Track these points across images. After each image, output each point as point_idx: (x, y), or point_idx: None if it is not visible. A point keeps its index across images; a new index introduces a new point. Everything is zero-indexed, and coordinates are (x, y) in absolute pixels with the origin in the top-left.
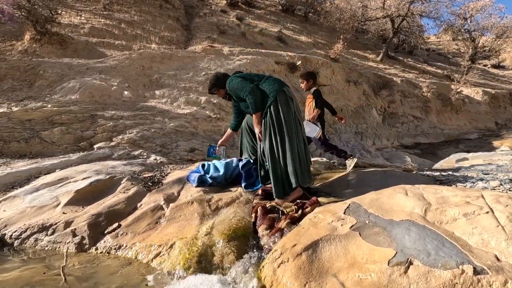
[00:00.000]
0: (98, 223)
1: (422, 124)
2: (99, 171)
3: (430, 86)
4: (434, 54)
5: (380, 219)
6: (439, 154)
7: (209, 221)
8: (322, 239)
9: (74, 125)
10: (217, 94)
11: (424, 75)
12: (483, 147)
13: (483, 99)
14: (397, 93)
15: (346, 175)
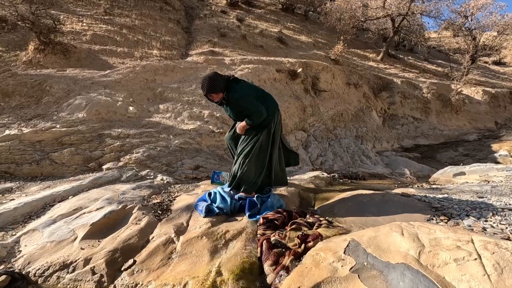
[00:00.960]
0: (115, 259)
1: (422, 126)
2: (111, 199)
3: (430, 87)
4: (434, 51)
5: (377, 260)
6: (438, 157)
7: (218, 258)
8: (324, 281)
9: (83, 146)
10: (212, 97)
11: (425, 74)
12: (482, 151)
13: (483, 99)
14: (397, 95)
15: (346, 198)
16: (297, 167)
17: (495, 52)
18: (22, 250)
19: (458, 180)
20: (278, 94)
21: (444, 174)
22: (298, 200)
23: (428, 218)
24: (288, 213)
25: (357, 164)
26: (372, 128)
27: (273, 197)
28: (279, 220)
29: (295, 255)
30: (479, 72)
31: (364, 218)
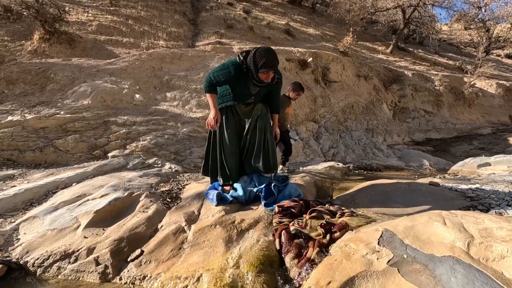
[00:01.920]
0: (120, 249)
1: (433, 119)
2: (116, 186)
3: (442, 80)
4: (445, 44)
5: (419, 253)
6: (452, 151)
7: (235, 248)
8: (358, 275)
9: (88, 133)
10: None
11: (436, 67)
12: (498, 144)
13: (497, 92)
14: (408, 87)
15: (367, 187)
16: (309, 158)
17: (510, 44)
18: (20, 238)
19: (484, 171)
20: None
21: (467, 165)
22: (314, 190)
23: (464, 208)
24: (305, 202)
25: (370, 156)
26: (382, 121)
27: (291, 186)
28: (296, 208)
29: (321, 247)
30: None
31: (390, 209)
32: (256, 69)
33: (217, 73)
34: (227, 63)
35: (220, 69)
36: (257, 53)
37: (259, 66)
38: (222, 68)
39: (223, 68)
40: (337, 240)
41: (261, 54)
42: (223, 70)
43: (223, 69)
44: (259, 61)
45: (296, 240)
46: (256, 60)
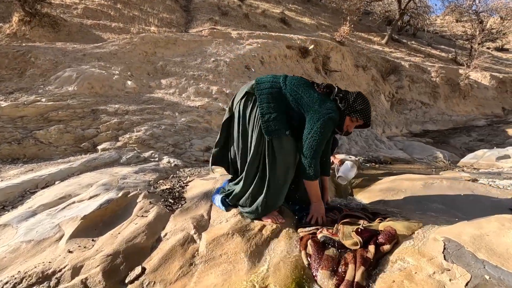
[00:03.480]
0: (116, 267)
1: (430, 111)
2: (108, 185)
3: (439, 71)
4: (437, 36)
5: (504, 273)
6: (452, 143)
7: (260, 264)
8: None
9: (74, 123)
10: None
11: (430, 58)
12: (497, 136)
13: (491, 84)
14: (405, 78)
15: (393, 185)
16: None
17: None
18: None
19: (504, 164)
20: (289, 72)
21: (484, 158)
22: (333, 186)
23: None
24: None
25: (373, 148)
26: (381, 113)
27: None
28: (332, 218)
29: (366, 264)
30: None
31: (430, 209)
32: (349, 111)
33: (321, 140)
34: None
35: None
36: (359, 97)
37: (354, 110)
38: (323, 133)
39: (326, 130)
40: (385, 254)
41: (363, 100)
42: (328, 131)
43: (327, 129)
44: (358, 106)
45: (327, 252)
46: (356, 104)
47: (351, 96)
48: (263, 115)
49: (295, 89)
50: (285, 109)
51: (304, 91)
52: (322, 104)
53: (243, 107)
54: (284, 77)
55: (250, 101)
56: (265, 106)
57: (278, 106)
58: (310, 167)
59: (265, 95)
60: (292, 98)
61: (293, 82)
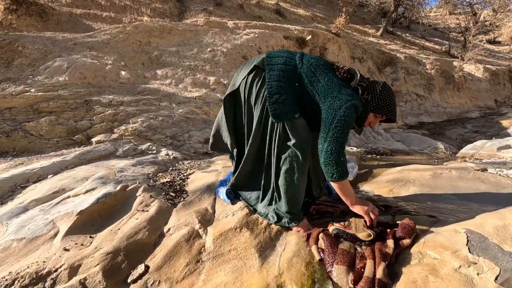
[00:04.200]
0: (117, 265)
1: (425, 103)
2: (105, 178)
3: (434, 63)
4: (430, 29)
5: None
6: (447, 134)
7: (273, 262)
8: None
9: (66, 114)
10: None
11: (425, 51)
12: (492, 127)
13: (484, 76)
14: (401, 70)
15: (401, 176)
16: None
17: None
18: None
19: (505, 154)
20: None
21: (486, 148)
22: None
23: None
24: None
25: (371, 140)
26: None
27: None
28: (341, 209)
29: (386, 259)
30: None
31: (443, 202)
32: (373, 108)
33: (346, 130)
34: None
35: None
36: (386, 90)
37: (381, 106)
38: (348, 122)
39: (350, 119)
40: (405, 248)
41: (389, 93)
42: (352, 120)
43: (351, 118)
44: (385, 100)
45: (341, 246)
46: (383, 98)
47: (377, 87)
48: (271, 95)
49: (313, 70)
50: (298, 91)
51: (323, 73)
52: (341, 90)
53: (250, 82)
54: (301, 54)
55: (259, 77)
56: (274, 84)
57: (290, 86)
58: (338, 164)
59: (276, 72)
60: (308, 81)
61: (311, 62)
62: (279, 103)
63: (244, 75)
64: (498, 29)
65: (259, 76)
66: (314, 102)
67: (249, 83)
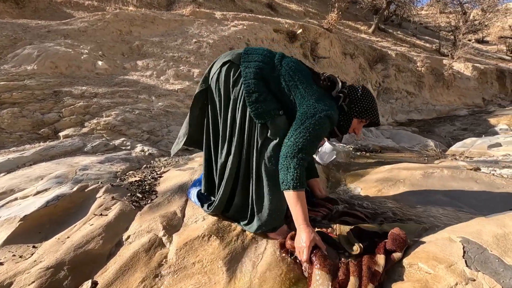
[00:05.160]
0: (57, 283)
1: (415, 100)
2: (63, 177)
3: (424, 61)
4: (421, 27)
5: None
6: (436, 132)
7: (243, 277)
8: None
9: (31, 106)
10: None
11: (415, 48)
12: (480, 125)
13: (472, 75)
14: (392, 68)
15: (390, 172)
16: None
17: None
18: None
19: (496, 152)
20: None
21: (476, 146)
22: (324, 176)
23: None
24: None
25: (360, 137)
26: None
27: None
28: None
29: (375, 280)
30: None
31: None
32: (357, 113)
33: (311, 139)
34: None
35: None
36: (366, 94)
37: (363, 110)
38: (317, 131)
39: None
40: (394, 262)
41: (369, 96)
42: (322, 131)
43: (322, 129)
44: (366, 104)
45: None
46: (364, 103)
47: (357, 91)
48: (249, 94)
49: (291, 74)
50: (275, 92)
51: (302, 79)
52: (320, 99)
53: (225, 76)
54: (281, 56)
55: (234, 71)
56: (251, 82)
57: (268, 86)
58: (289, 169)
59: (253, 69)
60: (285, 84)
61: (291, 65)
62: (260, 102)
63: (217, 68)
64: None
65: (233, 70)
66: (291, 102)
67: (225, 75)
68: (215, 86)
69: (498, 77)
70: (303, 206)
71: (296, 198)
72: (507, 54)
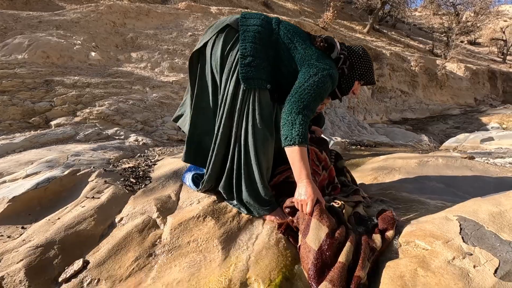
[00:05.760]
0: (47, 262)
1: (409, 99)
2: (54, 162)
3: (418, 60)
4: (415, 28)
5: None
6: (430, 130)
7: (238, 256)
8: None
9: (21, 94)
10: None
11: (409, 49)
12: (472, 123)
13: (465, 75)
14: (386, 67)
15: (386, 164)
16: None
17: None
18: None
19: (488, 146)
20: None
21: (469, 140)
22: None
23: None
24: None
25: (355, 133)
26: (362, 100)
27: None
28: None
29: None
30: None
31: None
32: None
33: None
34: (328, 75)
35: (322, 87)
36: (365, 55)
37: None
38: (320, 89)
39: (324, 87)
40: (389, 241)
41: (367, 58)
42: (325, 90)
43: (325, 88)
44: (365, 66)
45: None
46: (364, 64)
47: (358, 55)
48: (244, 57)
49: (290, 37)
50: (273, 59)
51: (300, 40)
52: (319, 59)
53: (221, 42)
54: (277, 20)
55: (231, 38)
56: (248, 46)
57: (265, 52)
58: (295, 125)
59: (252, 33)
60: (285, 47)
61: (289, 28)
62: (252, 67)
63: (214, 33)
64: (479, 30)
65: (230, 36)
66: (289, 73)
67: (221, 44)
68: (209, 51)
69: (490, 78)
70: (306, 162)
71: (300, 153)
72: (499, 56)
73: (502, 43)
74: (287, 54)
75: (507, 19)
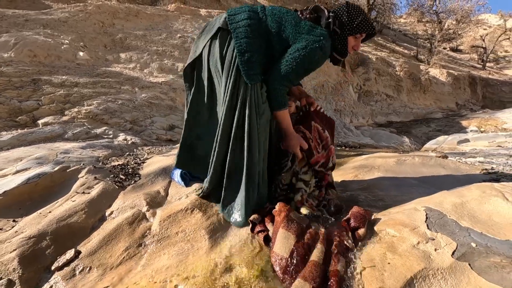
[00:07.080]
0: (39, 251)
1: (394, 103)
2: (43, 159)
3: (403, 65)
4: (400, 34)
5: (491, 239)
6: (413, 132)
7: (224, 244)
8: (418, 276)
9: (8, 93)
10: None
11: (395, 54)
12: (453, 127)
13: (447, 80)
14: (372, 71)
15: (366, 163)
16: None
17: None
18: None
19: (464, 147)
20: None
21: (447, 141)
22: None
23: (489, 181)
24: None
25: (341, 135)
26: (349, 103)
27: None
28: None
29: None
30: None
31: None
32: (350, 30)
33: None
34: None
35: (309, 58)
36: (352, 9)
37: (355, 26)
38: (312, 56)
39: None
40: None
41: (357, 10)
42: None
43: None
44: (356, 19)
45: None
46: (354, 18)
47: (343, 11)
48: (242, 53)
49: (277, 19)
50: (265, 47)
51: (288, 20)
52: (310, 31)
53: (217, 47)
54: (262, 6)
55: (226, 39)
56: (243, 42)
57: (259, 42)
58: (280, 93)
59: (243, 28)
60: (275, 31)
61: (274, 12)
62: (252, 62)
63: (207, 39)
64: (460, 37)
65: (224, 38)
66: (281, 56)
67: (217, 47)
68: (206, 57)
69: (470, 84)
70: (288, 119)
71: (287, 114)
72: (479, 63)
73: (482, 51)
74: (277, 38)
75: (486, 27)
